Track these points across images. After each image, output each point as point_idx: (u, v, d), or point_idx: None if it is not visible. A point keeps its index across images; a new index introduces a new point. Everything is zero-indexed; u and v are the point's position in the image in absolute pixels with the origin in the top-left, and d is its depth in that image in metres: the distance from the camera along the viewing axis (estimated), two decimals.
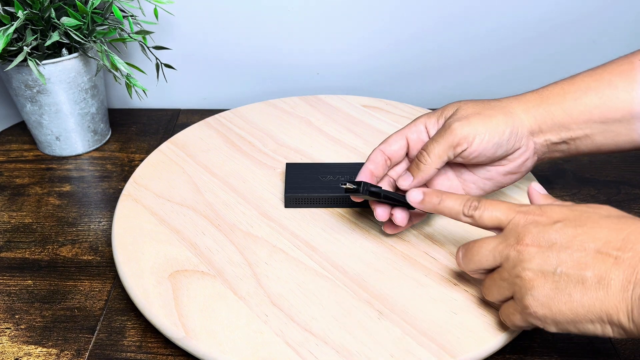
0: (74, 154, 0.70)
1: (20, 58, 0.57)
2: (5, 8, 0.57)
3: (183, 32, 0.76)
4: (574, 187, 0.63)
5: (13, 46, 0.59)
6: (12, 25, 0.56)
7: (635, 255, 0.35)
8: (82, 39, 0.60)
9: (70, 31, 0.59)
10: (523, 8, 0.73)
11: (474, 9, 0.73)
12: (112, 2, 0.61)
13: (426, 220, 0.54)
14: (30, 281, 0.52)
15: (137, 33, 0.65)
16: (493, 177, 0.50)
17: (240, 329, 0.43)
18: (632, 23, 0.74)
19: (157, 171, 0.60)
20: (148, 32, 0.67)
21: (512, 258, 0.39)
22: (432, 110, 0.51)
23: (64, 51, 0.63)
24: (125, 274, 0.48)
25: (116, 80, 0.64)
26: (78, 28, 0.60)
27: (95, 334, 0.47)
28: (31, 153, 0.70)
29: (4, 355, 0.46)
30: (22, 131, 0.74)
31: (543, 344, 0.46)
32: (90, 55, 0.64)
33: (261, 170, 0.61)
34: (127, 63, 0.62)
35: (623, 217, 0.38)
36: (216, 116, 0.70)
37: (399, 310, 0.45)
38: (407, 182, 0.48)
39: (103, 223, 0.59)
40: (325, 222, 0.54)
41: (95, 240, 0.57)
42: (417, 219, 0.51)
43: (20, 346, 0.46)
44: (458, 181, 0.51)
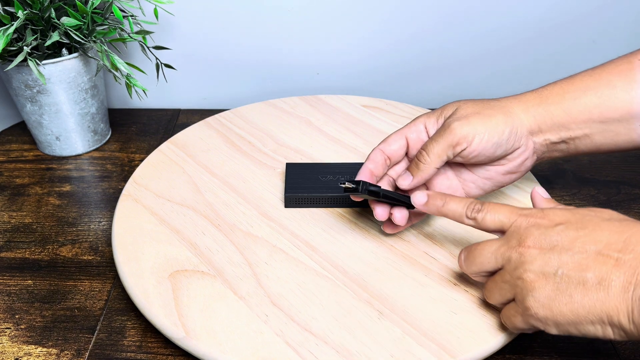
0: (74, 154, 0.70)
1: (20, 58, 0.57)
2: (5, 8, 0.57)
3: (183, 32, 0.76)
4: (574, 187, 0.63)
5: (13, 46, 0.59)
6: (12, 25, 0.56)
7: (636, 257, 0.35)
8: (82, 39, 0.60)
9: (70, 31, 0.59)
10: (523, 8, 0.73)
11: (474, 9, 0.73)
12: (112, 2, 0.61)
13: (426, 220, 0.54)
14: (30, 281, 0.52)
15: (137, 33, 0.65)
16: (492, 177, 0.50)
17: (240, 329, 0.43)
18: (632, 23, 0.74)
19: (157, 171, 0.60)
20: (148, 32, 0.67)
21: (514, 260, 0.39)
22: (432, 110, 0.51)
23: (64, 51, 0.63)
24: (125, 274, 0.48)
25: (116, 80, 0.64)
26: (78, 28, 0.60)
27: (95, 334, 0.47)
28: (31, 153, 0.70)
29: (4, 355, 0.46)
30: (22, 131, 0.74)
31: (543, 344, 0.46)
32: (90, 55, 0.64)
33: (261, 170, 0.61)
34: (127, 63, 0.62)
35: (625, 220, 0.38)
36: (216, 116, 0.70)
37: (399, 310, 0.45)
38: (407, 182, 0.48)
39: (103, 223, 0.59)
40: (325, 222, 0.54)
41: (95, 240, 0.57)
42: (417, 219, 0.51)
43: (20, 346, 0.46)
44: (457, 180, 0.51)
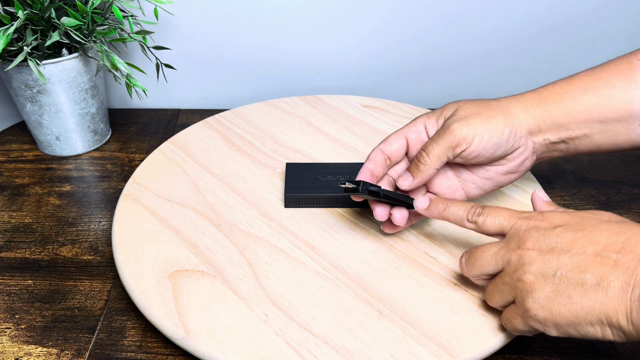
0: (74, 154, 0.70)
1: (20, 58, 0.57)
2: (5, 8, 0.57)
3: (183, 32, 0.76)
4: (574, 187, 0.63)
5: (13, 46, 0.59)
6: (12, 25, 0.56)
7: (634, 257, 0.35)
8: (82, 39, 0.60)
9: (70, 31, 0.59)
10: (523, 8, 0.73)
11: (474, 9, 0.73)
12: (112, 2, 0.61)
13: (426, 220, 0.54)
14: (30, 281, 0.52)
15: (137, 33, 0.65)
16: (492, 177, 0.50)
17: (240, 329, 0.43)
18: (632, 23, 0.74)
19: (157, 171, 0.60)
20: (148, 32, 0.67)
21: (514, 262, 0.39)
22: (432, 110, 0.51)
23: (64, 51, 0.63)
24: (125, 274, 0.48)
25: (116, 80, 0.64)
26: (78, 28, 0.60)
27: (95, 334, 0.47)
28: (31, 153, 0.70)
29: (4, 355, 0.46)
30: (22, 131, 0.74)
31: (543, 344, 0.46)
32: (90, 55, 0.64)
33: (261, 170, 0.61)
34: (127, 63, 0.62)
35: (623, 222, 0.38)
36: (216, 116, 0.70)
37: (399, 310, 0.45)
38: (407, 182, 0.48)
39: (103, 223, 0.59)
40: (325, 222, 0.54)
41: (95, 240, 0.57)
42: (416, 219, 0.51)
43: (20, 346, 0.46)
44: (457, 181, 0.51)
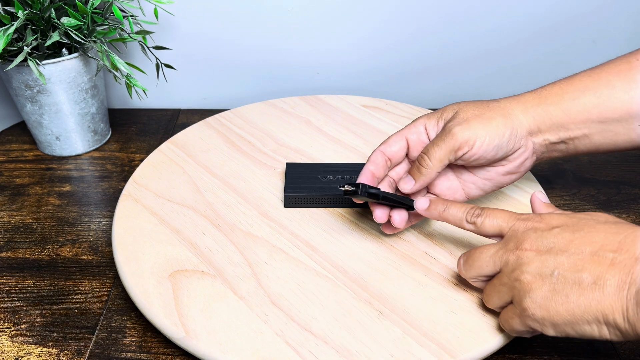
0: (74, 154, 0.70)
1: (20, 58, 0.57)
2: (5, 8, 0.57)
3: (183, 32, 0.76)
4: (574, 187, 0.63)
5: (13, 46, 0.59)
6: (12, 25, 0.56)
7: (630, 257, 0.35)
8: (82, 39, 0.60)
9: (70, 31, 0.59)
10: (523, 8, 0.73)
11: (474, 9, 0.73)
12: (112, 2, 0.61)
13: (426, 220, 0.54)
14: (30, 281, 0.52)
15: (137, 33, 0.65)
16: (492, 178, 0.50)
17: (240, 329, 0.43)
18: (632, 23, 0.74)
19: (157, 171, 0.60)
20: (148, 32, 0.67)
21: (511, 262, 0.39)
22: (432, 110, 0.51)
23: (64, 51, 0.63)
24: (125, 274, 0.48)
25: (116, 80, 0.64)
26: (78, 28, 0.60)
27: (95, 334, 0.47)
28: (31, 153, 0.70)
29: (4, 355, 0.46)
30: (22, 131, 0.74)
31: (543, 344, 0.46)
32: (90, 55, 0.64)
33: (261, 170, 0.61)
34: (127, 63, 0.62)
35: (619, 223, 0.38)
36: (216, 116, 0.70)
37: (399, 310, 0.45)
38: (409, 186, 0.48)
39: (103, 223, 0.59)
40: (325, 222, 0.54)
41: (95, 240, 0.57)
42: (416, 220, 0.51)
43: (20, 346, 0.46)
44: (458, 181, 0.51)
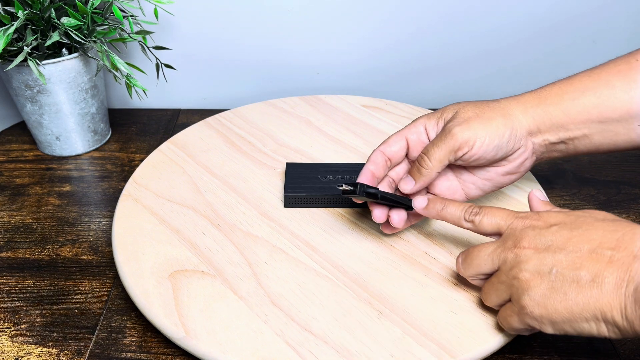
0: (74, 154, 0.70)
1: (20, 58, 0.57)
2: (5, 8, 0.57)
3: (183, 32, 0.76)
4: (574, 187, 0.63)
5: (13, 46, 0.59)
6: (12, 25, 0.56)
7: (628, 254, 0.35)
8: (82, 39, 0.60)
9: (70, 31, 0.59)
10: (523, 8, 0.73)
11: (474, 9, 0.73)
12: (112, 2, 0.61)
13: (426, 220, 0.54)
14: (30, 281, 0.52)
15: (137, 33, 0.65)
16: (492, 178, 0.50)
17: (240, 329, 0.43)
18: (632, 23, 0.74)
19: (157, 171, 0.60)
20: (148, 32, 0.67)
21: (510, 260, 0.39)
22: (432, 110, 0.51)
23: (64, 51, 0.63)
24: (125, 274, 0.48)
25: (116, 80, 0.64)
26: (78, 28, 0.60)
27: (95, 334, 0.47)
28: (31, 153, 0.70)
29: (4, 355, 0.46)
30: (22, 131, 0.74)
31: (543, 344, 0.46)
32: (90, 55, 0.64)
33: (261, 170, 0.61)
34: (127, 63, 0.62)
35: (617, 221, 0.39)
36: (216, 116, 0.70)
37: (399, 310, 0.45)
38: (409, 186, 0.48)
39: (103, 223, 0.59)
40: (325, 222, 0.54)
41: (95, 240, 0.57)
42: (415, 220, 0.51)
43: (20, 346, 0.46)
44: (457, 182, 0.51)
